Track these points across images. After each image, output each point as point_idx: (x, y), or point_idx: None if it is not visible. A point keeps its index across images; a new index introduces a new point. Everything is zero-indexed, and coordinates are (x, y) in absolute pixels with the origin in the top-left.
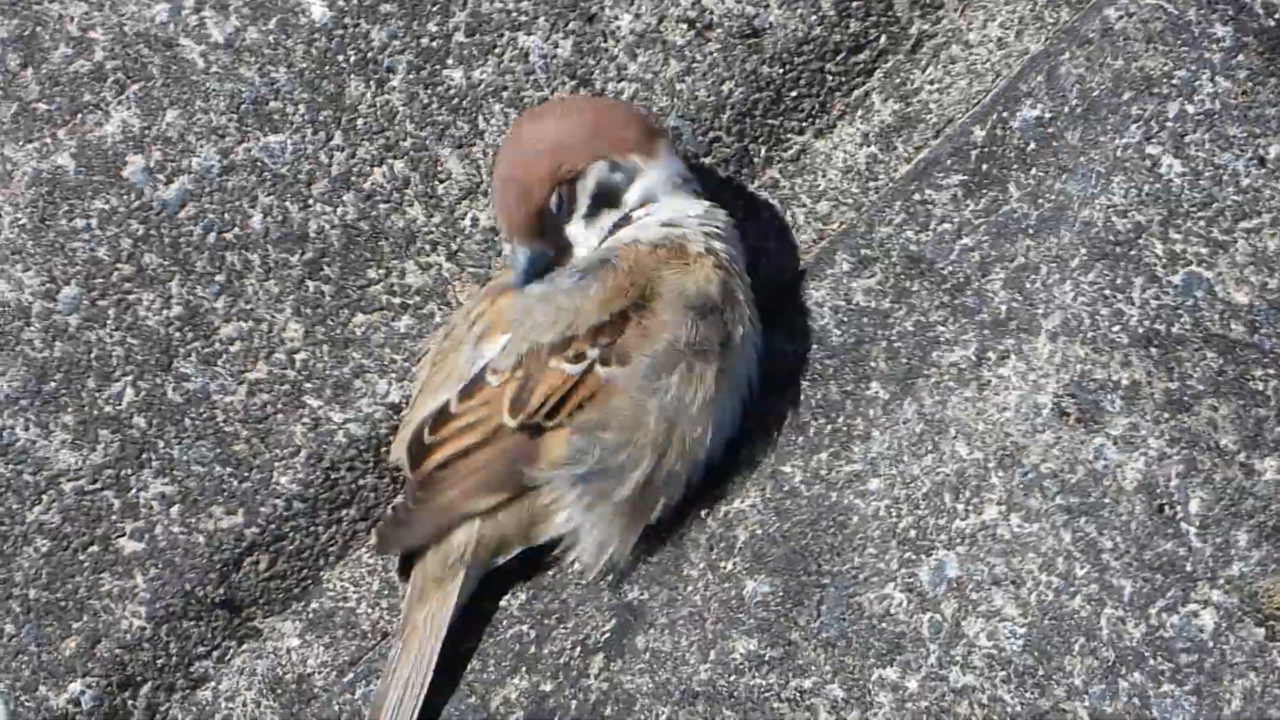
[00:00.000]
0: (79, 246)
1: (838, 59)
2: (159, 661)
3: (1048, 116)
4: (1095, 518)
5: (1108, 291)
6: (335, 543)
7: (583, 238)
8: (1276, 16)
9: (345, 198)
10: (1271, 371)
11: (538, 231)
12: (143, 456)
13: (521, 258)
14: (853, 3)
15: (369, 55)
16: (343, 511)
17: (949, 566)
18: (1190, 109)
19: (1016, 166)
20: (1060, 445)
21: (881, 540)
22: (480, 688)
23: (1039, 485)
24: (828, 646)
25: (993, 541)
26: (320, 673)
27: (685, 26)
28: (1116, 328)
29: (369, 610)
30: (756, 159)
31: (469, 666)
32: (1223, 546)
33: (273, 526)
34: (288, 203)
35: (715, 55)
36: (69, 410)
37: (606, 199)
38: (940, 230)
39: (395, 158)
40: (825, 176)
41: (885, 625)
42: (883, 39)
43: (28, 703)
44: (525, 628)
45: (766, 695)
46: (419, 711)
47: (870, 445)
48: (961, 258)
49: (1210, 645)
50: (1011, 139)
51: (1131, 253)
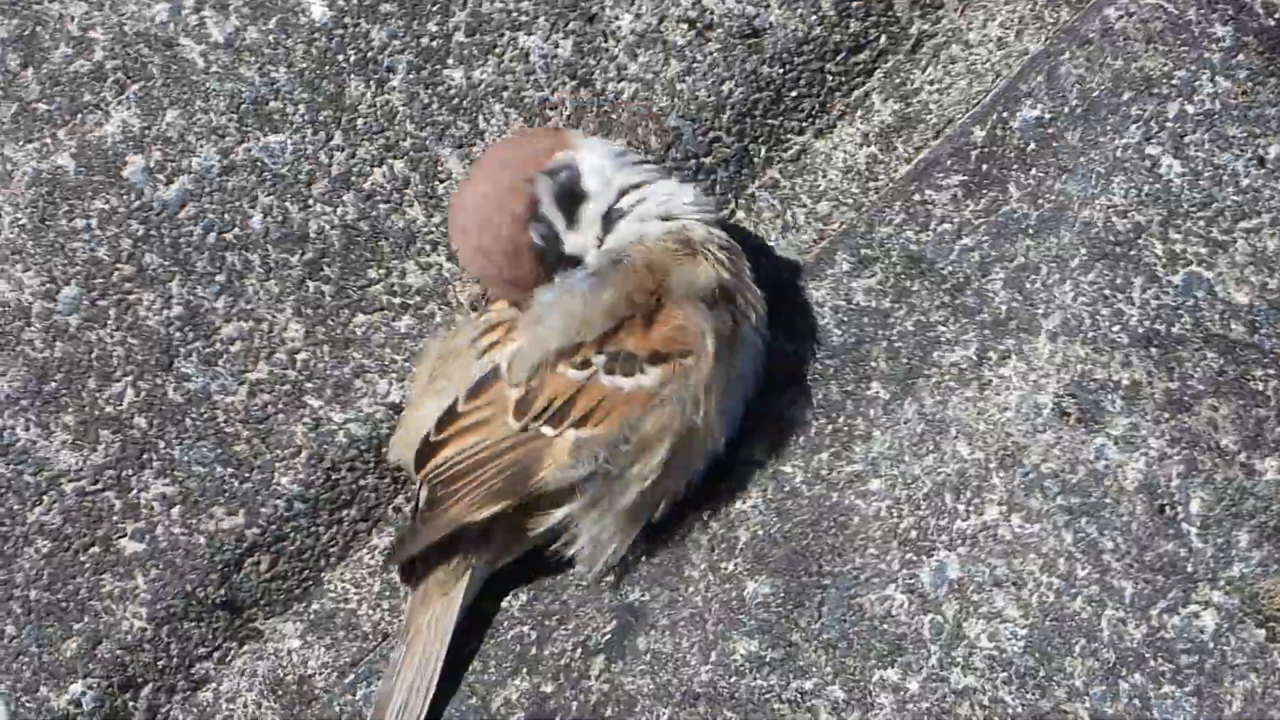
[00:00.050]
0: (79, 246)
1: (838, 59)
2: (160, 663)
3: (1048, 117)
4: (1096, 518)
5: (1108, 291)
6: (336, 543)
7: (583, 241)
8: (1276, 16)
9: (345, 198)
10: (1272, 371)
11: (542, 275)
12: (143, 457)
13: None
14: (853, 3)
15: (369, 55)
16: (344, 512)
17: (950, 567)
18: (1190, 109)
19: (1016, 167)
20: (1061, 445)
21: (883, 541)
22: (481, 689)
23: (1040, 485)
24: (829, 648)
25: (994, 542)
26: (321, 674)
27: (686, 26)
28: (1117, 328)
29: (370, 611)
30: (757, 159)
31: (470, 667)
32: (1224, 547)
33: (274, 527)
34: (288, 203)
35: (715, 55)
36: (69, 411)
37: (569, 196)
38: (940, 230)
39: (395, 158)
40: (825, 176)
41: (886, 626)
42: (883, 39)
43: (29, 704)
44: (526, 629)
45: (767, 696)
46: (425, 714)
47: (871, 445)
48: (962, 258)
49: (1211, 646)
50: (1011, 139)
51: (1131, 253)
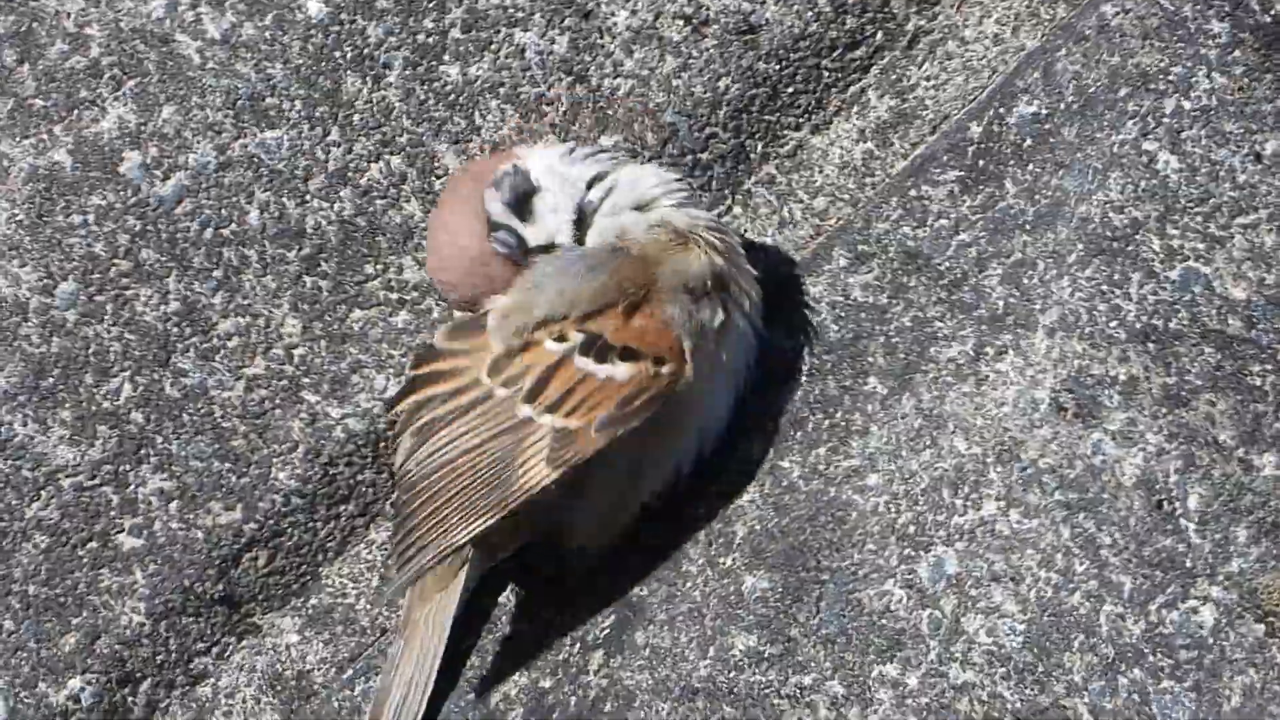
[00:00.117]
0: (76, 242)
1: (834, 55)
2: (158, 658)
3: (1044, 113)
4: (1094, 513)
5: (1105, 287)
6: (334, 538)
7: (547, 229)
8: (1272, 12)
9: (342, 193)
10: (1269, 367)
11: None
12: (141, 452)
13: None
14: None
15: (365, 51)
16: (341, 507)
17: (948, 563)
18: (1186, 105)
19: (1013, 163)
20: (1058, 440)
21: (880, 536)
22: (479, 684)
23: (1037, 481)
24: (827, 643)
25: (992, 537)
26: (320, 669)
27: (682, 23)
28: (1114, 323)
29: (368, 606)
30: (753, 155)
31: (468, 663)
32: (1222, 542)
33: (271, 522)
34: (285, 198)
35: (712, 51)
36: (67, 406)
37: (522, 198)
38: (937, 226)
39: (392, 153)
40: (822, 172)
41: (885, 621)
42: (879, 35)
43: (27, 699)
44: (524, 624)
45: (766, 692)
46: (424, 710)
47: (868, 441)
48: (959, 253)
49: (1210, 641)
50: (1008, 135)
51: (1129, 248)
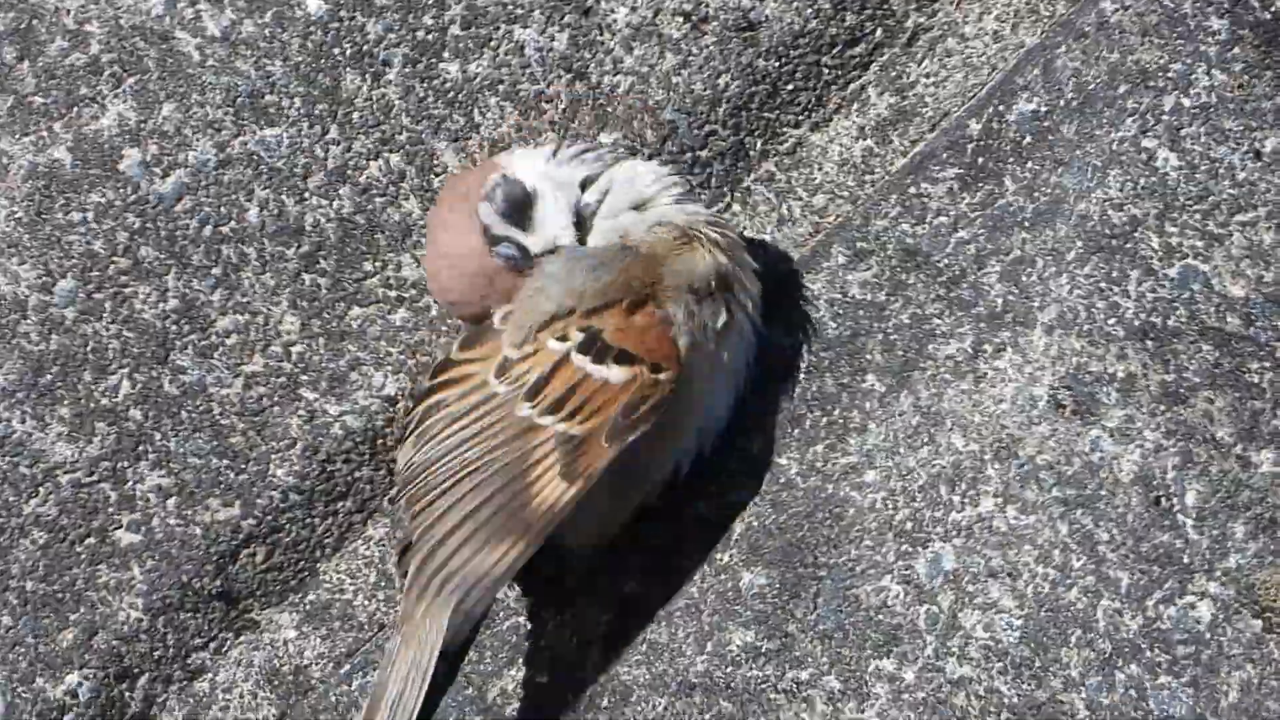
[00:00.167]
0: (75, 240)
1: (833, 52)
2: (156, 653)
3: (1043, 110)
4: (1092, 510)
5: (1104, 284)
6: (331, 535)
7: (548, 236)
8: (1272, 9)
9: (341, 191)
10: (1267, 364)
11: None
12: (139, 449)
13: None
14: None
15: (364, 49)
16: (339, 504)
17: (946, 559)
18: (1186, 102)
19: (1012, 160)
20: (1056, 437)
21: (878, 532)
22: (477, 679)
23: (1035, 477)
24: (824, 638)
25: (989, 534)
26: (317, 664)
27: (681, 20)
28: (1112, 320)
29: (366, 602)
30: (752, 152)
31: (466, 658)
32: (1219, 539)
33: (269, 518)
34: (284, 196)
35: (711, 49)
36: (65, 403)
37: (518, 207)
38: (936, 223)
39: (391, 151)
40: (821, 170)
41: (882, 617)
42: (878, 32)
43: (24, 694)
44: (522, 619)
45: (763, 686)
46: (420, 706)
47: (866, 438)
48: (957, 251)
49: (1207, 637)
50: (1007, 132)
51: (1127, 246)
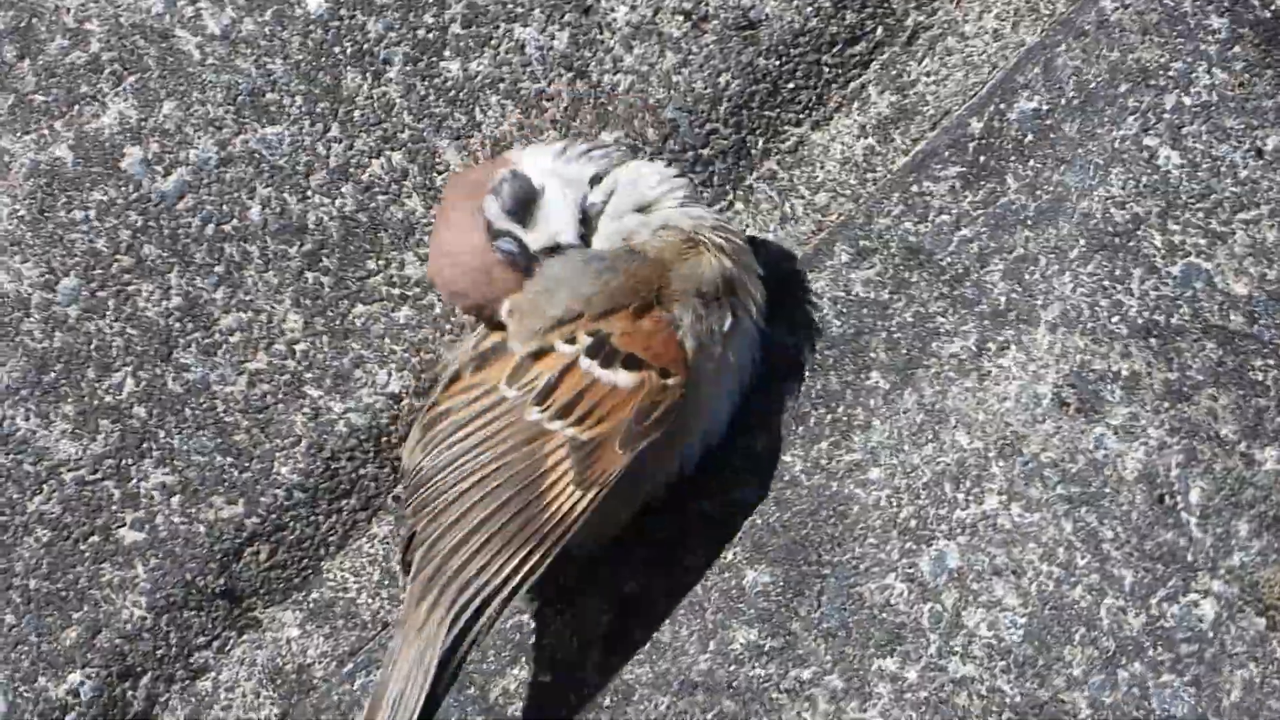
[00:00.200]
0: (78, 238)
1: (834, 51)
2: (159, 652)
3: (1045, 108)
4: (1096, 507)
5: (1107, 283)
6: (335, 532)
7: (550, 233)
8: (1272, 8)
9: (343, 189)
10: (1271, 362)
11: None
12: (143, 446)
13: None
14: None
15: (365, 47)
16: (343, 501)
17: (949, 556)
18: (1187, 101)
19: (1014, 158)
20: (1060, 435)
21: (882, 530)
22: (479, 678)
23: (1039, 475)
24: (828, 637)
25: (993, 531)
26: (320, 663)
27: (681, 18)
28: (1116, 318)
29: (369, 600)
30: (754, 151)
31: (468, 657)
32: (1223, 536)
33: (273, 516)
34: (286, 194)
35: (711, 47)
36: (69, 400)
37: (523, 203)
38: (939, 222)
39: (393, 149)
40: (823, 168)
41: (885, 615)
42: (879, 31)
43: (26, 693)
44: (524, 618)
45: (766, 685)
46: (422, 705)
47: (870, 435)
48: (960, 249)
49: (1210, 635)
50: (1009, 131)
51: (1130, 244)
